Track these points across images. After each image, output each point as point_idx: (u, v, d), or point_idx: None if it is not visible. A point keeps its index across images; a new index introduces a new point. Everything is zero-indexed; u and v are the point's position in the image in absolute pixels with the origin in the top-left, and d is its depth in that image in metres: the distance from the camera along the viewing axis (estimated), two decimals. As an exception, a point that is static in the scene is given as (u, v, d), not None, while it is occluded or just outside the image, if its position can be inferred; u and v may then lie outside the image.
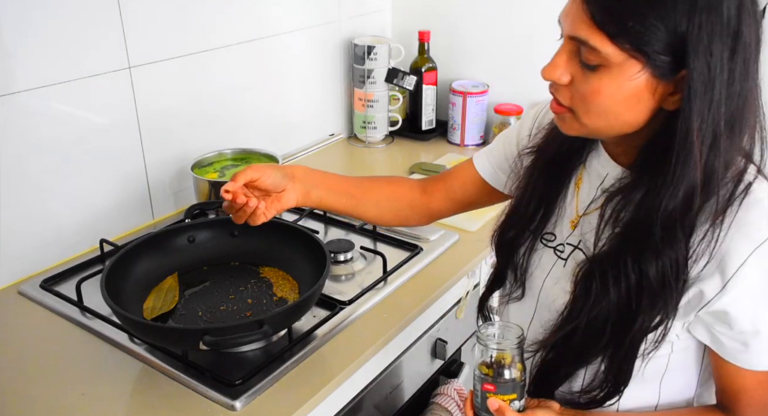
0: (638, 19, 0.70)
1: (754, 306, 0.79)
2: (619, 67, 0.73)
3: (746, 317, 0.79)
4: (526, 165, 0.96)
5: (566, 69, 0.78)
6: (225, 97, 1.59)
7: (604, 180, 0.88)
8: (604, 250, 0.83)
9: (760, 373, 0.83)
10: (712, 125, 0.74)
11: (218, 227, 1.24)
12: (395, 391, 1.25)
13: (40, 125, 1.23)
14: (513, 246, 0.96)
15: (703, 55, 0.71)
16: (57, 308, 1.18)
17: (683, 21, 0.70)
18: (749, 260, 0.76)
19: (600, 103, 0.76)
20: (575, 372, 0.89)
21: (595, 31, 0.73)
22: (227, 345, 0.95)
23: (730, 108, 0.74)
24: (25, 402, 0.99)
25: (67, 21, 1.22)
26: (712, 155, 0.75)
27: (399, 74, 1.85)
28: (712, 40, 0.71)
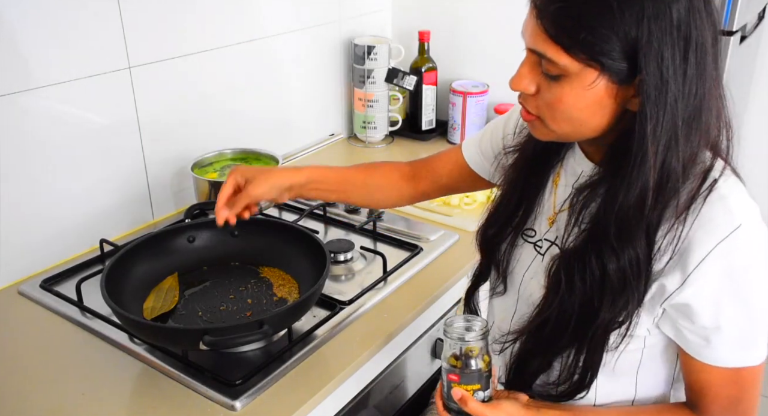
0: (589, 30, 0.73)
1: (715, 302, 0.80)
2: (577, 75, 0.76)
3: (707, 312, 0.81)
4: (508, 163, 0.99)
5: (531, 79, 0.81)
6: (225, 97, 1.59)
7: (579, 177, 0.91)
8: (572, 246, 0.86)
9: (724, 370, 0.84)
10: (668, 127, 0.76)
11: (218, 227, 1.24)
12: (395, 391, 1.25)
13: (40, 125, 1.23)
14: (495, 242, 1.00)
15: (655, 60, 0.73)
16: (57, 308, 1.18)
17: (632, 29, 0.72)
18: (710, 255, 0.78)
19: (564, 111, 0.80)
20: (548, 363, 0.92)
21: (551, 44, 0.76)
22: (227, 345, 0.95)
23: (687, 109, 0.76)
24: (25, 402, 0.99)
25: (67, 21, 1.22)
26: (669, 155, 0.77)
27: (399, 74, 1.85)
28: (662, 44, 0.73)
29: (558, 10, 0.74)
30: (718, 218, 0.79)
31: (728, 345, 0.83)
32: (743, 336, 0.82)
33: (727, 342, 0.82)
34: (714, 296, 0.80)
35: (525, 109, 0.85)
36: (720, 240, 0.78)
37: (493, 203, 1.02)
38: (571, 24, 0.74)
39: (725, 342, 0.82)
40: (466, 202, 1.55)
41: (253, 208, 1.08)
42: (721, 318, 0.81)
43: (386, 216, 1.49)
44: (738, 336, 0.82)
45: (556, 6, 0.74)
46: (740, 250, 0.78)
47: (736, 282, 0.80)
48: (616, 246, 0.80)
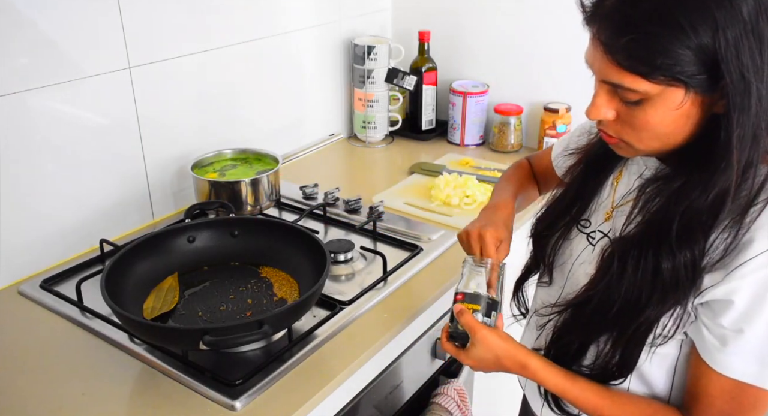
0: (665, 54, 0.72)
1: (747, 305, 0.77)
2: (659, 96, 0.75)
3: (734, 313, 0.78)
4: (569, 164, 1.02)
5: (609, 107, 0.80)
6: (225, 97, 1.59)
7: (643, 173, 0.91)
8: (630, 234, 0.85)
9: (726, 381, 0.81)
10: (753, 128, 0.74)
11: (218, 227, 1.24)
12: (395, 391, 1.25)
13: (40, 125, 1.23)
14: (546, 235, 1.02)
15: (735, 66, 0.72)
16: (57, 308, 1.18)
17: (708, 41, 0.71)
18: (758, 258, 0.76)
19: (651, 130, 0.79)
20: (583, 345, 0.92)
21: (626, 74, 0.75)
22: (227, 345, 0.95)
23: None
24: (25, 402, 0.99)
25: (67, 21, 1.22)
26: (751, 156, 0.76)
27: (399, 74, 1.85)
28: (739, 49, 0.71)
29: (629, 42, 0.73)
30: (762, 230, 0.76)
31: (744, 354, 0.79)
32: (763, 351, 0.78)
33: (744, 351, 0.78)
34: (747, 299, 0.77)
35: (605, 134, 0.84)
36: (758, 253, 0.75)
37: (551, 198, 1.03)
38: (645, 53, 0.73)
39: (741, 351, 0.78)
40: (466, 202, 1.55)
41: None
42: (746, 323, 0.77)
43: (386, 217, 1.49)
44: (758, 349, 0.78)
45: (627, 39, 0.73)
46: None
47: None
48: (674, 246, 0.79)
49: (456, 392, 1.35)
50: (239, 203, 1.43)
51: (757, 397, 0.81)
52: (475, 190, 1.57)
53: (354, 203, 1.52)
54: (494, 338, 0.91)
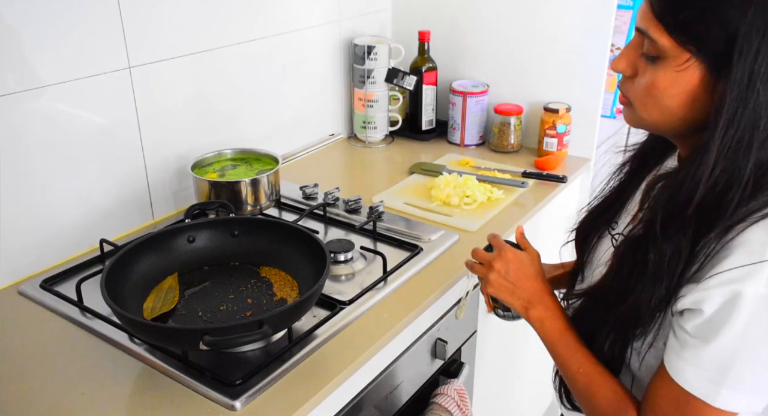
0: (694, 12, 0.74)
1: (713, 316, 0.76)
2: (673, 59, 0.77)
3: (700, 320, 0.77)
4: (618, 162, 1.04)
5: (630, 61, 0.83)
6: (225, 97, 1.59)
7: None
8: (633, 233, 0.87)
9: (676, 388, 0.80)
10: (744, 128, 0.74)
11: (218, 227, 1.24)
12: (395, 391, 1.25)
13: (40, 125, 1.23)
14: (585, 236, 1.05)
15: (748, 56, 0.72)
16: (57, 308, 1.18)
17: (736, 18, 0.72)
18: (731, 272, 0.74)
19: (656, 96, 0.80)
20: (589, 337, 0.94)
21: (654, 21, 0.78)
22: (227, 345, 0.95)
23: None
24: (25, 402, 0.99)
25: (67, 21, 1.22)
26: (738, 159, 0.75)
27: (399, 74, 1.86)
28: (761, 42, 0.72)
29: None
30: (752, 244, 0.74)
31: (699, 366, 0.77)
32: (720, 367, 0.76)
33: (700, 363, 0.77)
34: (715, 310, 0.75)
35: (621, 93, 0.87)
36: (748, 263, 0.73)
37: (595, 198, 1.05)
38: (678, 3, 0.75)
39: (698, 362, 0.77)
40: (466, 202, 1.55)
41: None
42: (710, 334, 0.76)
43: (386, 217, 1.49)
44: (715, 364, 0.76)
45: None
46: (758, 285, 0.72)
47: (745, 312, 0.73)
48: (659, 236, 0.80)
49: (456, 392, 1.35)
50: (239, 203, 1.43)
51: (702, 412, 0.79)
52: (475, 190, 1.57)
53: (354, 203, 1.52)
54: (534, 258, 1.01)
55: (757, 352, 0.75)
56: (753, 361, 0.75)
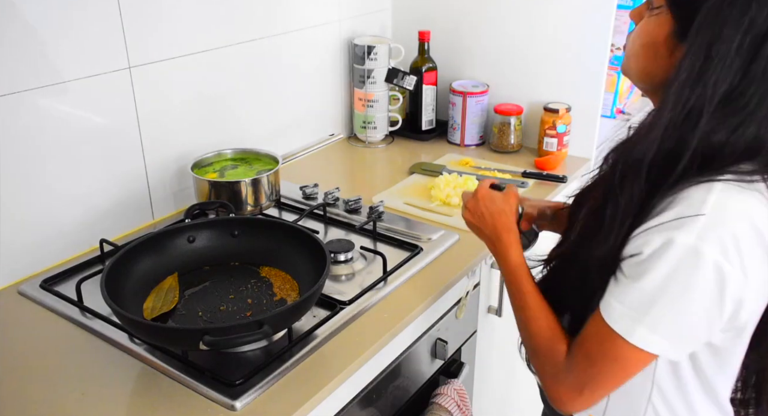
0: None
1: (647, 258, 0.79)
2: (658, 15, 0.84)
3: (636, 260, 0.81)
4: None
5: (639, 12, 0.90)
6: (225, 96, 1.59)
7: None
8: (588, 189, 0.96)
9: (603, 324, 0.83)
10: (694, 99, 0.79)
11: (218, 227, 1.24)
12: (395, 391, 1.25)
13: (40, 125, 1.23)
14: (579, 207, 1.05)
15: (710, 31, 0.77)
16: (57, 308, 1.18)
17: None
18: (672, 223, 0.78)
19: (634, 42, 0.89)
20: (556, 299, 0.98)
21: None
22: (227, 345, 0.95)
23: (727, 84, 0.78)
24: (25, 402, 0.99)
25: (67, 21, 1.22)
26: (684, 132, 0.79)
27: (399, 74, 1.86)
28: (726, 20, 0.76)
29: None
30: (693, 199, 0.78)
31: (623, 301, 0.81)
32: (642, 306, 0.80)
33: (627, 300, 0.81)
34: (650, 253, 0.79)
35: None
36: (686, 215, 0.78)
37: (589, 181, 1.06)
38: None
39: (625, 299, 0.81)
40: (466, 202, 1.55)
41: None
42: (640, 273, 0.80)
43: (386, 217, 1.49)
44: (637, 301, 0.80)
45: None
46: (689, 234, 0.77)
47: (673, 258, 0.77)
48: (617, 188, 0.84)
49: (456, 392, 1.35)
50: (239, 203, 1.43)
51: (622, 351, 0.82)
52: (475, 190, 1.57)
53: (354, 203, 1.52)
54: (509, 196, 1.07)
55: (678, 300, 0.78)
56: (672, 307, 0.79)
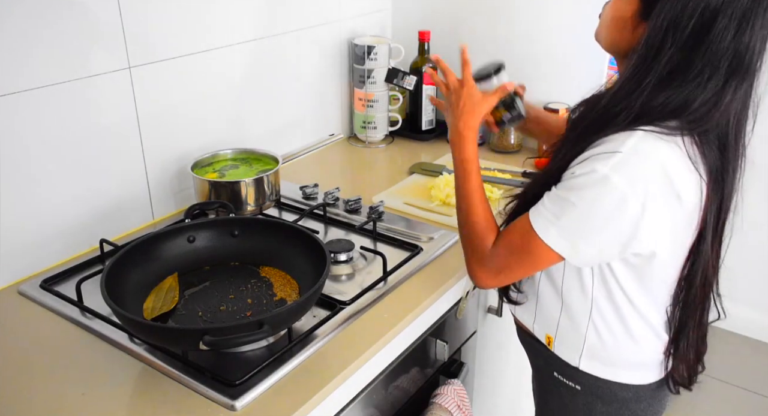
0: None
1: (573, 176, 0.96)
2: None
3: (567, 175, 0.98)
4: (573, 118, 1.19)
5: None
6: (225, 97, 1.59)
7: None
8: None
9: (526, 220, 1.01)
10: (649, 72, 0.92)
11: (218, 227, 1.24)
12: (395, 391, 1.25)
13: (40, 125, 1.23)
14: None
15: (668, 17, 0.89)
16: (57, 308, 1.18)
17: None
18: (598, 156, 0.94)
19: (606, 13, 1.02)
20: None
21: None
22: (227, 345, 0.95)
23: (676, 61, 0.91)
24: (25, 402, 0.99)
25: (67, 21, 1.22)
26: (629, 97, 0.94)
27: (399, 74, 1.85)
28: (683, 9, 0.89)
29: None
30: (616, 141, 0.94)
31: (545, 205, 0.99)
32: (558, 211, 0.97)
33: (547, 203, 0.99)
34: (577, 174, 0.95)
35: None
36: (603, 152, 0.93)
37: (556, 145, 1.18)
38: None
39: (546, 202, 0.99)
40: (466, 202, 1.55)
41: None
42: (563, 186, 0.98)
43: (386, 217, 1.49)
44: (555, 206, 0.97)
45: None
46: (605, 166, 0.92)
47: (590, 181, 0.93)
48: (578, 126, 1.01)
49: (456, 392, 1.35)
50: (239, 203, 1.43)
51: (536, 245, 1.00)
52: (475, 190, 1.56)
53: (354, 203, 1.52)
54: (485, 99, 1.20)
55: (585, 215, 0.95)
56: (579, 219, 0.96)
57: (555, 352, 1.15)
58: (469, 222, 1.13)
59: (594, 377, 1.11)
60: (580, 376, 1.12)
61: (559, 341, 1.14)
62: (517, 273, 1.09)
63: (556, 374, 1.16)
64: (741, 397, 2.40)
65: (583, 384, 1.13)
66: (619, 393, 1.11)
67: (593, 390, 1.12)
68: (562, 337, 1.13)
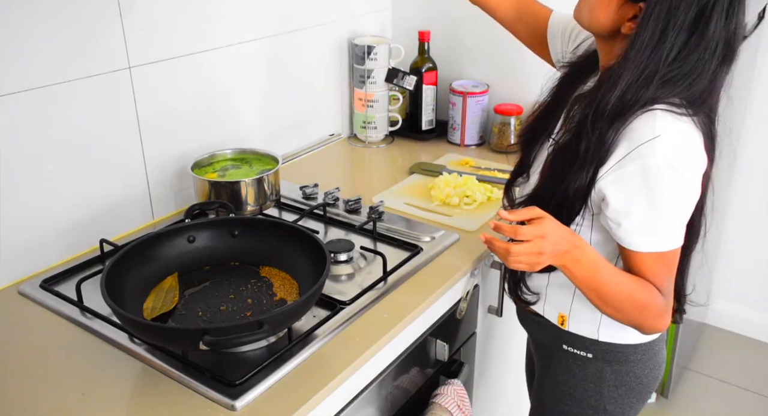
0: None
1: (626, 191, 0.97)
2: None
3: (620, 199, 0.97)
4: (555, 77, 1.20)
5: None
6: (225, 96, 1.59)
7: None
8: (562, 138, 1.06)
9: (638, 254, 1.01)
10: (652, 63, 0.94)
11: (218, 227, 1.24)
12: (395, 391, 1.25)
13: (40, 125, 1.23)
14: (531, 142, 1.20)
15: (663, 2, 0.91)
16: (57, 308, 1.18)
17: None
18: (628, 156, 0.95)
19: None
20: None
21: None
22: (227, 345, 0.95)
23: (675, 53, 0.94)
24: (25, 402, 0.99)
25: (68, 21, 1.23)
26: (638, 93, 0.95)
27: (399, 74, 1.85)
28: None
29: None
30: (641, 129, 0.95)
31: (636, 230, 0.99)
32: (648, 224, 0.98)
33: (634, 228, 0.98)
34: (626, 187, 0.96)
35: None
36: (638, 145, 0.94)
37: (535, 110, 1.20)
38: None
39: (632, 227, 0.98)
40: (465, 202, 1.55)
41: None
42: (630, 206, 0.97)
43: (386, 217, 1.49)
44: (643, 223, 0.98)
45: None
46: (655, 155, 0.93)
47: (647, 179, 0.94)
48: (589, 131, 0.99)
49: (456, 392, 1.35)
50: (239, 203, 1.43)
51: (669, 258, 1.02)
52: (475, 190, 1.57)
53: (354, 203, 1.52)
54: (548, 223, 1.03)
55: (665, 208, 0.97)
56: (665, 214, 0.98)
57: (570, 330, 1.17)
58: (637, 304, 1.03)
59: (608, 343, 1.14)
60: (593, 345, 1.16)
61: (573, 319, 1.16)
62: (672, 285, 1.07)
63: (566, 346, 1.19)
64: (741, 397, 2.40)
65: (595, 352, 1.16)
66: (630, 356, 1.15)
67: (605, 355, 1.16)
68: (576, 316, 1.16)
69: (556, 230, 0.98)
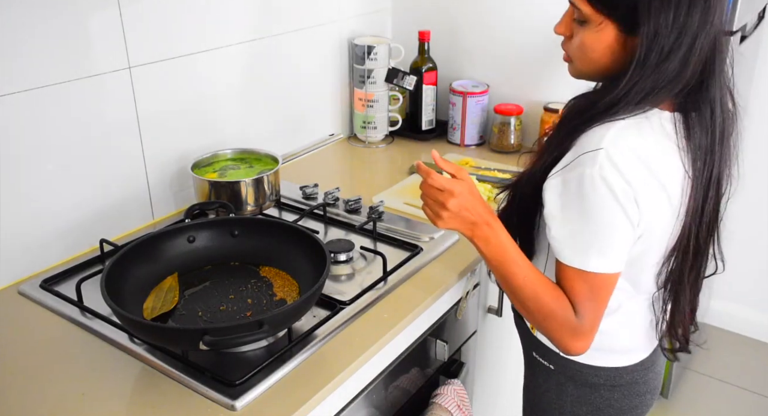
0: None
1: (563, 197, 0.96)
2: (593, 22, 0.96)
3: (555, 203, 0.98)
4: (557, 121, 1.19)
5: (567, 25, 1.02)
6: (225, 97, 1.59)
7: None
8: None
9: (561, 265, 0.99)
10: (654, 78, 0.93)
11: (218, 227, 1.24)
12: (395, 391, 1.25)
13: (39, 125, 1.23)
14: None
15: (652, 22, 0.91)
16: (57, 308, 1.18)
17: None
18: (573, 162, 0.95)
19: (584, 51, 1.00)
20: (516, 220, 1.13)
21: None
22: (227, 345, 0.95)
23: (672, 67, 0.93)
24: (25, 402, 0.99)
25: (67, 21, 1.23)
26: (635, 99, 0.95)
27: (399, 74, 1.85)
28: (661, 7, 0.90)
29: None
30: (592, 138, 0.95)
31: (565, 240, 0.97)
32: (576, 236, 0.97)
33: (562, 236, 0.97)
34: (563, 192, 0.96)
35: (565, 54, 1.06)
36: (582, 153, 0.94)
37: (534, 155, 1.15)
38: None
39: (560, 235, 0.98)
40: (466, 202, 1.55)
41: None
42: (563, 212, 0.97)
43: (386, 217, 1.49)
44: (573, 234, 0.97)
45: None
46: (593, 166, 0.92)
47: (582, 189, 0.93)
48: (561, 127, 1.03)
49: (456, 392, 1.35)
50: (239, 203, 1.43)
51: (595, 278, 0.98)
52: (475, 190, 1.56)
53: (354, 203, 1.52)
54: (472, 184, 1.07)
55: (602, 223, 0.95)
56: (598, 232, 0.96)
57: (537, 337, 1.17)
58: (543, 307, 1.01)
59: (567, 359, 1.13)
60: (555, 357, 1.15)
61: None
62: (602, 312, 1.02)
63: (535, 354, 1.20)
64: (741, 397, 2.40)
65: (556, 364, 1.15)
66: (589, 378, 1.12)
67: (565, 371, 1.15)
68: None
69: (468, 197, 1.03)
